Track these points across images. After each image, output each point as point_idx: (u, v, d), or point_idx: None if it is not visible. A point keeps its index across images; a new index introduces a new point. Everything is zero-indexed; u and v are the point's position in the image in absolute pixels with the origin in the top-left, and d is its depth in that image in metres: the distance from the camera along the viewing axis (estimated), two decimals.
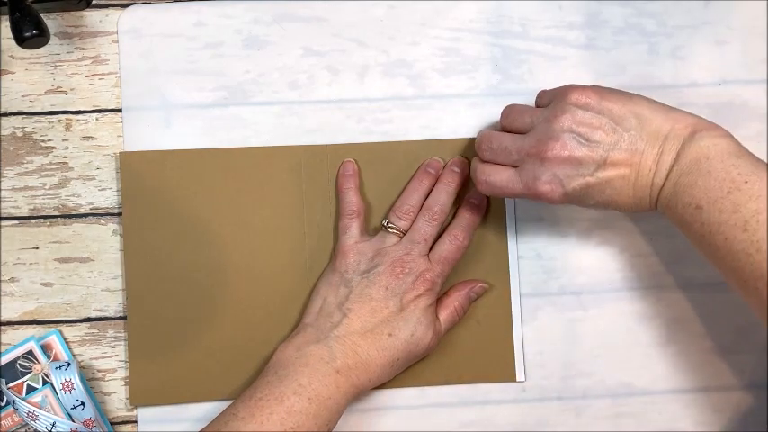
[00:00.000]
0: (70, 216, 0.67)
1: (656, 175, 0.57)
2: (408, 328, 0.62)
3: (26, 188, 0.67)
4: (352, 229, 0.65)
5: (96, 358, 0.67)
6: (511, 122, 0.62)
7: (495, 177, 0.61)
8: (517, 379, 0.67)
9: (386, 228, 0.64)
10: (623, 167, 0.57)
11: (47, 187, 0.67)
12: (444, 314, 0.64)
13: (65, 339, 0.66)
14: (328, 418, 0.59)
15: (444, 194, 0.65)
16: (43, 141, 0.67)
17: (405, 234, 0.64)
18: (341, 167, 0.67)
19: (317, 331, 0.62)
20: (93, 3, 0.68)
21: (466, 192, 0.67)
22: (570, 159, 0.57)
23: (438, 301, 0.64)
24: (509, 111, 0.63)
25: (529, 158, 0.59)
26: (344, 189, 0.66)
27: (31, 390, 0.65)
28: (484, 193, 0.62)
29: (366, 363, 0.61)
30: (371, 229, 0.67)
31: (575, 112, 0.58)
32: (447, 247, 0.64)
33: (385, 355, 0.61)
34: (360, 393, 0.62)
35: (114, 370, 0.67)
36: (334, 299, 0.63)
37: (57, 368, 0.64)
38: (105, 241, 0.67)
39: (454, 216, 0.66)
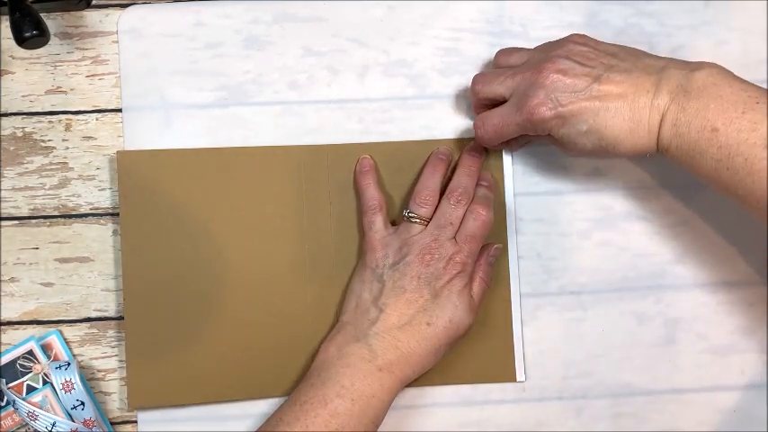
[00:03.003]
0: (70, 216, 0.67)
1: (656, 97, 0.56)
2: (446, 315, 0.61)
3: (26, 188, 0.67)
4: (377, 224, 0.64)
5: (96, 358, 0.67)
6: (506, 59, 0.64)
7: (492, 116, 0.62)
8: (517, 379, 0.67)
9: (408, 218, 0.64)
10: (618, 87, 0.57)
11: (47, 187, 0.67)
12: (474, 288, 0.64)
13: (65, 339, 0.66)
14: (373, 416, 0.60)
15: (465, 177, 0.65)
16: (43, 141, 0.67)
17: (428, 221, 0.64)
18: (357, 165, 0.67)
19: (356, 330, 0.62)
20: (93, 3, 0.68)
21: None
22: (563, 80, 0.58)
23: None
24: (504, 50, 0.65)
25: (523, 81, 0.60)
26: (364, 185, 0.66)
27: (31, 390, 0.65)
28: (485, 141, 0.63)
29: (408, 356, 0.61)
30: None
31: (571, 47, 0.60)
32: (472, 224, 0.63)
33: (426, 346, 0.61)
34: (404, 386, 0.62)
35: (114, 370, 0.67)
36: (369, 295, 0.63)
37: (57, 368, 0.64)
38: (105, 241, 0.67)
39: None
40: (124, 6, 0.68)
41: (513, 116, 0.60)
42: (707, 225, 0.68)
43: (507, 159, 0.68)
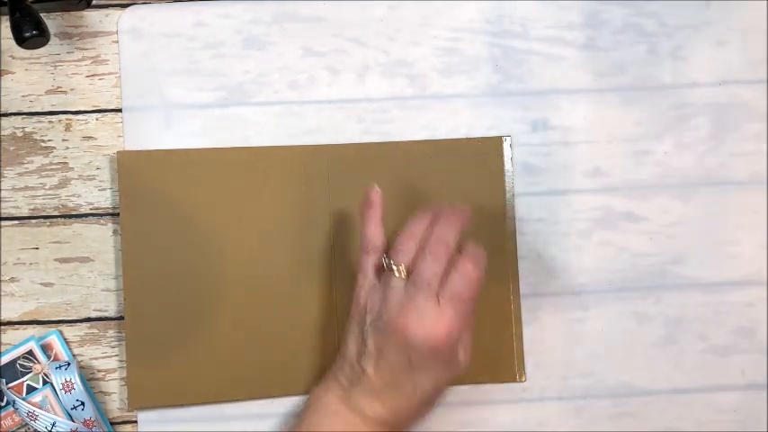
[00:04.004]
0: (70, 216, 0.67)
1: None
2: (430, 381, 0.59)
3: (26, 188, 0.67)
4: (367, 270, 0.60)
5: (96, 358, 0.67)
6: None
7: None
8: (517, 379, 0.67)
9: (388, 267, 0.59)
10: None
11: (47, 187, 0.67)
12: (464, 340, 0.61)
13: (65, 339, 0.66)
14: None
15: (446, 227, 0.59)
16: (43, 141, 0.67)
17: (409, 271, 0.58)
18: (365, 194, 0.62)
19: (346, 380, 0.60)
20: (93, 3, 0.68)
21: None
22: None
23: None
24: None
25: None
26: (365, 220, 0.61)
27: (31, 390, 0.65)
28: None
29: (395, 413, 0.59)
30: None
31: None
32: (456, 284, 0.57)
33: (415, 403, 0.59)
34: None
35: (114, 370, 0.67)
36: (355, 347, 0.60)
37: (57, 368, 0.64)
38: (105, 241, 0.67)
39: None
40: (124, 6, 0.68)
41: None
42: (707, 225, 0.68)
43: (507, 159, 0.68)
